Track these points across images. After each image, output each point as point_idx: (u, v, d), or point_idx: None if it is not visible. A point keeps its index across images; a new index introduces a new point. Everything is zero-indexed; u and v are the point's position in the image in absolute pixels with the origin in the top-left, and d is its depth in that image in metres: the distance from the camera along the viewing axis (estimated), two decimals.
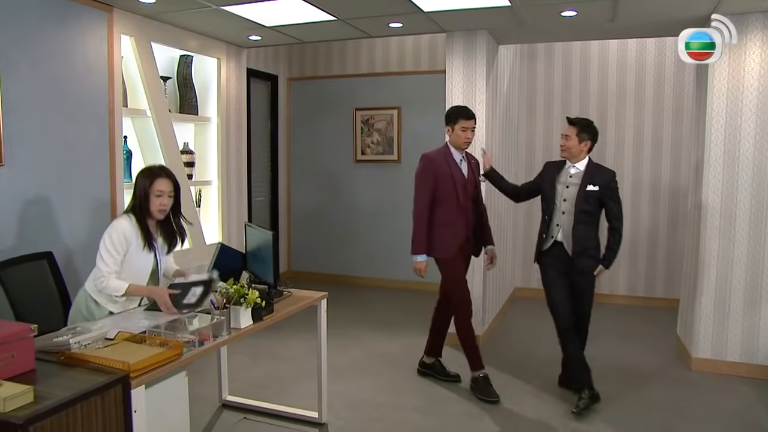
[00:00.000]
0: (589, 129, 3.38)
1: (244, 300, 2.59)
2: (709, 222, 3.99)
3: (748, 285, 3.92)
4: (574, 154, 3.41)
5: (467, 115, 3.55)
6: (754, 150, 3.85)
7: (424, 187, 3.57)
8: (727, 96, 3.88)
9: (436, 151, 3.68)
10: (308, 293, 3.19)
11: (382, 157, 6.35)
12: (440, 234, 3.59)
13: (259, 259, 3.12)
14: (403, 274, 6.28)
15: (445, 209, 3.58)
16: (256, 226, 3.29)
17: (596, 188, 3.32)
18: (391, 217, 6.35)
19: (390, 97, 6.27)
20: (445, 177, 3.54)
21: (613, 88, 5.71)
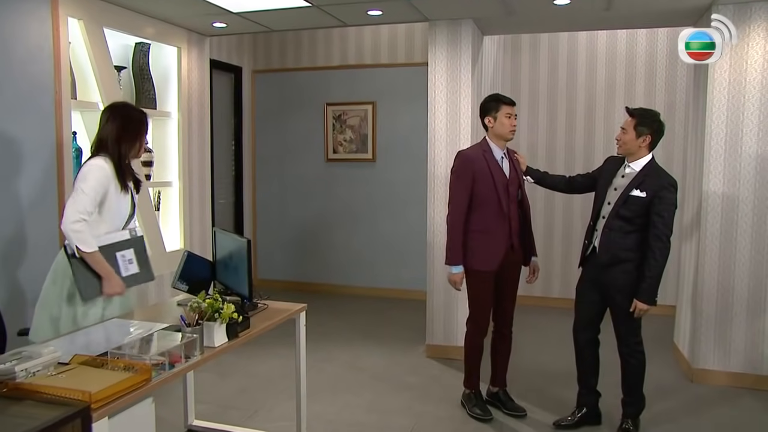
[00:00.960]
0: (651, 121, 3.11)
1: (218, 315, 2.45)
2: (710, 224, 3.98)
3: (752, 289, 3.93)
4: (631, 151, 3.14)
5: (509, 100, 3.40)
6: (757, 147, 3.86)
7: (460, 189, 3.37)
8: (728, 90, 3.88)
9: (473, 147, 3.52)
10: (286, 305, 3.08)
11: (355, 156, 6.26)
12: (479, 242, 3.38)
13: (231, 269, 2.99)
14: (380, 282, 6.25)
15: (484, 214, 3.37)
16: (228, 232, 3.16)
17: (643, 194, 3.05)
18: (367, 221, 6.28)
19: (364, 92, 6.19)
20: (485, 177, 3.34)
21: (602, 81, 5.71)
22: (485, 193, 3.34)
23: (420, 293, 5.53)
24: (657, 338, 4.97)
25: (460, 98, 4.41)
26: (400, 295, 6.12)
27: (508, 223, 3.37)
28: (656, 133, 3.12)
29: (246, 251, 2.79)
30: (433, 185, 4.50)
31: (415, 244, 6.00)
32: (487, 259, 3.37)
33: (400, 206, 6.16)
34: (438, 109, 4.45)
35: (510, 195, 3.39)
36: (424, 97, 5.71)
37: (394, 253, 6.21)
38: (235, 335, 2.55)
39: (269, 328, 2.81)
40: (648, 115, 3.14)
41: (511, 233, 3.39)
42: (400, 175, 6.13)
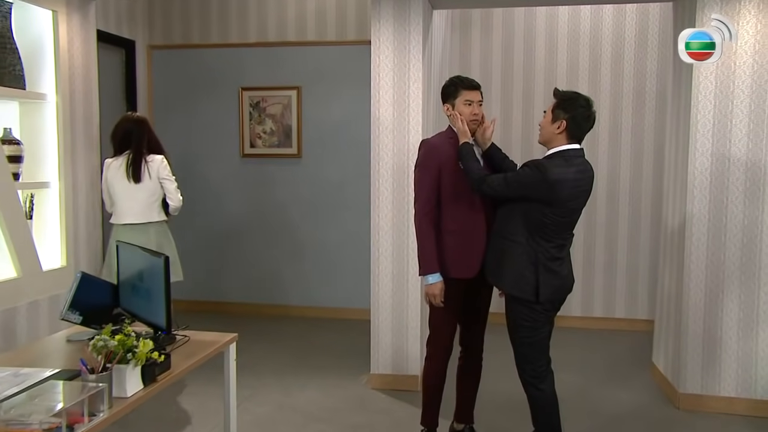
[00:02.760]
0: (571, 105, 3.04)
1: (132, 355, 2.17)
2: (696, 228, 4.01)
3: (743, 303, 3.98)
4: (546, 138, 3.12)
5: (470, 84, 3.30)
6: (747, 141, 3.92)
7: (427, 183, 3.27)
8: (716, 76, 3.93)
9: (438, 136, 3.43)
10: (211, 336, 2.89)
11: (277, 151, 6.12)
12: (453, 245, 3.26)
13: (142, 293, 2.77)
14: (310, 300, 6.13)
15: (457, 210, 3.26)
16: (136, 247, 2.92)
17: None
18: (292, 228, 6.13)
19: (287, 75, 6.05)
20: (454, 168, 3.24)
21: (563, 65, 5.75)
22: (455, 185, 3.24)
23: (360, 312, 5.48)
24: (632, 358, 5.04)
25: (410, 82, 4.30)
26: (335, 314, 6.02)
27: (485, 221, 3.27)
28: (573, 120, 3.02)
29: (163, 271, 2.59)
30: (377, 185, 4.37)
31: (353, 254, 5.91)
32: (463, 264, 3.25)
33: (332, 210, 6.05)
34: (383, 95, 4.33)
35: None
36: (359, 80, 5.69)
37: (326, 266, 6.10)
38: (153, 379, 2.32)
39: (194, 366, 2.60)
40: (571, 99, 3.08)
41: (488, 233, 3.27)
42: (332, 174, 6.01)
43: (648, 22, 5.59)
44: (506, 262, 3.10)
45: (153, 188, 4.27)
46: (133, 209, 4.25)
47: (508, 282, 3.12)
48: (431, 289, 3.23)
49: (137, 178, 4.22)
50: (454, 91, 3.30)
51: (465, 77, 3.35)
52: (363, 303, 5.07)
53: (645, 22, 5.60)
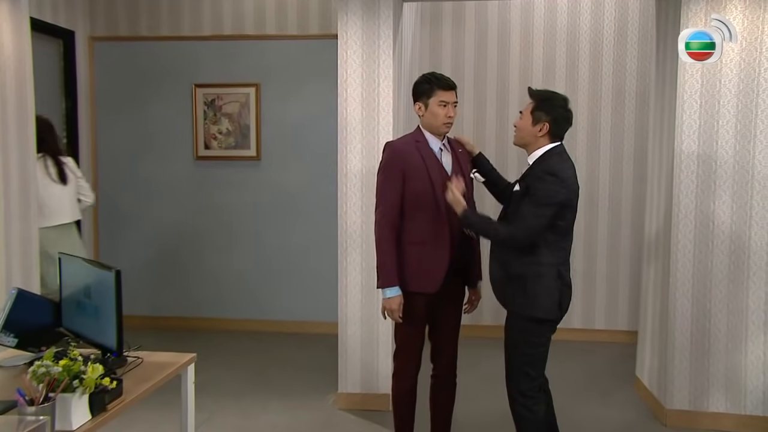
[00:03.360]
0: (552, 106, 3.11)
1: (79, 383, 2.05)
2: (682, 234, 4.02)
3: (731, 313, 3.99)
4: (526, 141, 3.16)
5: (446, 83, 3.26)
6: (735, 142, 3.94)
7: (389, 190, 3.27)
8: (702, 74, 3.95)
9: (404, 138, 3.43)
10: (167, 357, 2.84)
11: (234, 153, 6.04)
12: (415, 257, 3.26)
13: (90, 312, 2.69)
14: (271, 313, 6.06)
15: (420, 221, 3.26)
16: (81, 259, 2.86)
17: (518, 188, 3.14)
18: (250, 236, 6.04)
19: (245, 71, 5.97)
20: (419, 174, 3.23)
21: (540, 63, 5.75)
22: (420, 193, 3.25)
23: (327, 326, 5.42)
24: (614, 371, 5.04)
25: (379, 79, 4.26)
26: (299, 328, 5.96)
27: (450, 232, 3.27)
28: (556, 122, 3.10)
29: (114, 286, 2.53)
30: (345, 189, 4.32)
31: (318, 263, 5.86)
32: (425, 278, 3.26)
33: (295, 216, 5.98)
34: (351, 94, 4.28)
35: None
36: (323, 77, 5.70)
37: (289, 276, 6.03)
38: (103, 408, 2.23)
39: (149, 391, 2.52)
40: (550, 99, 3.15)
41: (453, 245, 3.29)
42: (295, 177, 5.95)
43: (627, 16, 5.62)
44: (532, 287, 3.08)
45: (74, 187, 4.74)
46: (65, 209, 4.66)
47: (533, 306, 3.10)
48: (389, 304, 3.24)
49: (64, 180, 4.64)
50: (428, 90, 3.27)
51: (441, 75, 3.32)
52: (330, 316, 4.99)
53: (624, 17, 5.62)
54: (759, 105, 3.91)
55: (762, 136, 3.92)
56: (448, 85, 3.26)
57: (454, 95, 3.29)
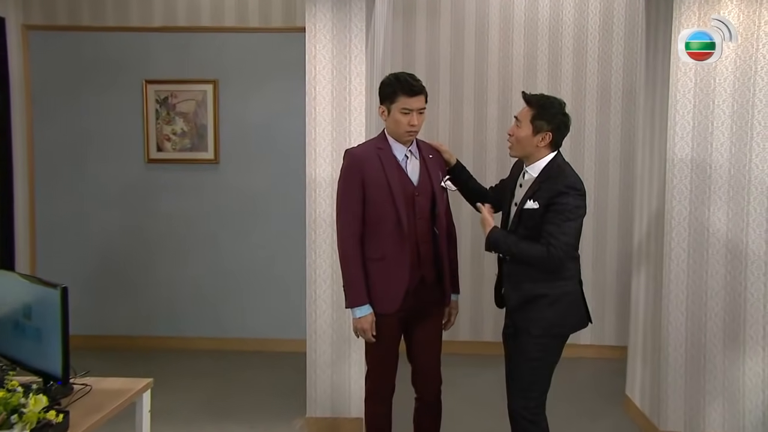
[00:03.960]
0: (553, 114, 3.15)
1: (18, 418, 1.97)
2: (675, 243, 4.05)
3: (728, 327, 4.02)
4: (527, 152, 3.20)
5: (410, 88, 3.21)
6: (730, 145, 3.98)
7: (348, 202, 3.29)
8: (695, 72, 3.99)
9: (365, 144, 3.47)
10: (119, 383, 2.80)
11: (190, 156, 5.99)
12: (375, 276, 3.28)
13: (30, 334, 2.63)
14: (231, 330, 6.02)
15: (380, 236, 3.27)
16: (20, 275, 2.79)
17: (536, 205, 3.11)
18: (208, 247, 6.00)
19: (202, 66, 5.92)
20: (378, 184, 3.24)
21: (520, 59, 5.77)
22: (379, 205, 3.26)
23: (293, 343, 5.43)
24: (602, 390, 5.05)
25: (351, 76, 4.26)
26: (263, 347, 5.91)
27: (413, 247, 3.29)
28: (558, 130, 3.18)
29: (60, 305, 2.47)
30: (313, 195, 4.30)
31: (284, 275, 5.83)
32: (384, 298, 3.29)
33: (257, 224, 5.94)
34: (321, 92, 4.26)
35: (418, 209, 3.30)
36: (289, 73, 5.68)
37: (251, 290, 5.99)
38: None
39: (100, 423, 2.47)
40: (550, 106, 3.18)
41: (420, 262, 3.31)
42: (257, 182, 5.91)
43: (613, 9, 5.67)
44: (560, 305, 3.15)
45: None
46: None
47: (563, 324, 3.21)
48: (359, 324, 3.26)
49: None
50: (391, 94, 3.25)
51: (406, 78, 3.26)
52: (297, 333, 4.95)
53: (610, 10, 5.67)
54: (755, 105, 3.95)
55: (759, 138, 3.96)
56: (411, 90, 3.21)
57: (420, 101, 3.24)
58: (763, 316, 3.99)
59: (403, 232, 3.24)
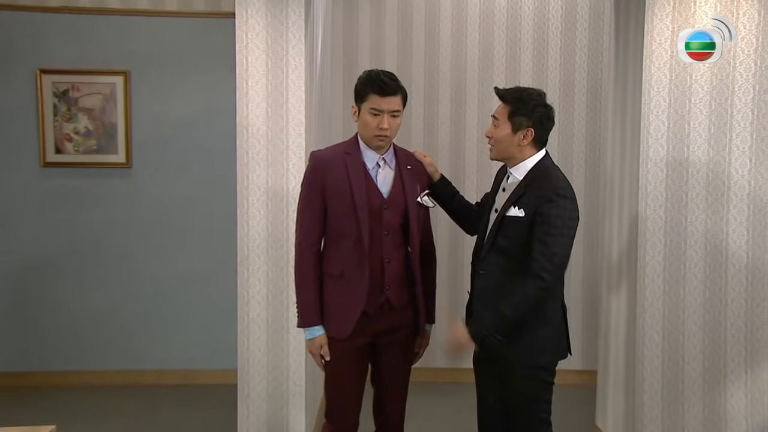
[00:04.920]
0: (532, 107, 3.19)
1: None
2: (650, 256, 4.17)
3: (708, 349, 4.16)
4: (509, 153, 3.25)
5: (381, 87, 3.21)
6: (708, 147, 4.13)
7: (308, 211, 3.33)
8: (670, 66, 4.13)
9: (333, 148, 3.50)
10: None
11: (97, 159, 5.92)
12: (331, 294, 3.32)
13: None
14: (150, 360, 5.95)
15: (340, 250, 3.30)
16: None
17: (521, 213, 3.15)
18: (119, 264, 5.93)
19: (109, 54, 5.86)
20: (340, 193, 3.26)
21: (475, 52, 5.87)
22: (340, 217, 3.29)
23: (221, 374, 5.46)
24: (569, 420, 5.10)
25: (289, 70, 4.25)
26: (185, 380, 5.88)
27: (377, 266, 3.30)
28: (540, 125, 3.22)
29: None
30: (246, 205, 4.28)
31: (209, 296, 5.82)
32: (337, 320, 3.31)
33: (178, 239, 5.91)
34: (253, 87, 4.25)
35: (385, 224, 3.32)
36: (216, 65, 5.66)
37: (170, 314, 5.94)
38: None
39: None
40: (528, 99, 3.22)
41: (385, 283, 3.32)
42: (178, 190, 5.87)
43: None
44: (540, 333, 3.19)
45: None
46: None
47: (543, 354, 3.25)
48: (310, 347, 3.34)
49: None
50: (362, 92, 3.28)
51: (379, 75, 3.28)
52: (226, 362, 4.91)
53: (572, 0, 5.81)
54: (734, 104, 4.12)
55: (738, 140, 4.12)
56: (382, 89, 3.22)
57: (393, 102, 3.25)
58: (745, 336, 4.14)
59: (365, 248, 3.25)
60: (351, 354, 3.31)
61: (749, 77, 4.12)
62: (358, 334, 3.26)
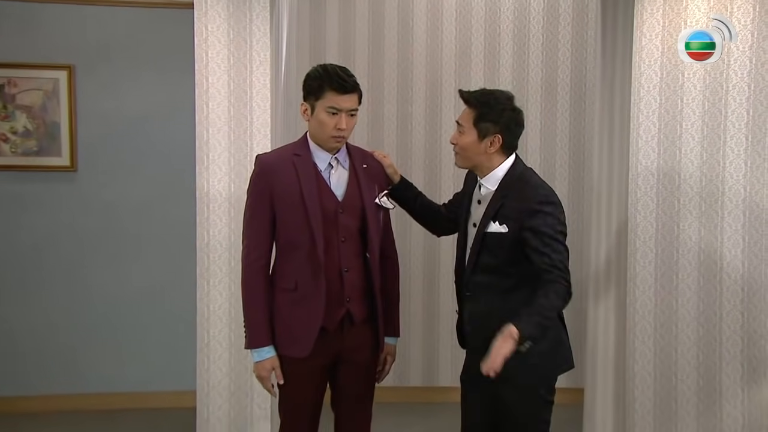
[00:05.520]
0: (499, 111, 3.19)
1: None
2: (641, 267, 4.23)
3: (703, 364, 4.21)
4: (475, 161, 3.26)
5: (340, 84, 3.21)
6: (701, 150, 4.21)
7: (256, 219, 3.31)
8: (661, 64, 4.20)
9: (280, 150, 3.51)
10: None
11: (37, 161, 5.81)
12: (285, 310, 3.30)
13: None
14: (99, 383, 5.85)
15: (292, 262, 3.30)
16: None
17: (504, 228, 3.16)
18: (63, 277, 5.81)
19: (51, 47, 5.75)
20: (291, 199, 3.25)
21: (452, 48, 5.84)
22: (292, 226, 3.28)
23: (179, 397, 5.44)
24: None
25: (253, 65, 4.27)
26: (138, 403, 5.77)
27: (335, 277, 3.30)
28: (508, 130, 3.22)
29: None
30: (206, 212, 4.29)
31: (166, 313, 5.74)
32: (293, 338, 3.30)
33: (130, 249, 5.81)
34: (214, 83, 4.25)
35: (342, 229, 3.31)
36: (171, 59, 5.60)
37: (123, 332, 5.84)
38: None
39: None
40: (494, 103, 3.23)
41: (345, 295, 3.32)
42: (130, 195, 5.77)
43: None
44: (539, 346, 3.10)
45: None
46: None
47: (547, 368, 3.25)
48: (258, 370, 3.31)
49: None
50: (316, 89, 3.26)
51: (337, 71, 3.28)
52: (184, 383, 4.87)
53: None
54: (729, 104, 4.20)
55: (733, 142, 4.20)
56: (342, 86, 3.22)
57: (352, 101, 3.27)
58: (741, 351, 4.19)
59: (319, 257, 3.24)
60: (308, 375, 3.31)
61: (744, 75, 4.20)
62: (318, 353, 3.25)
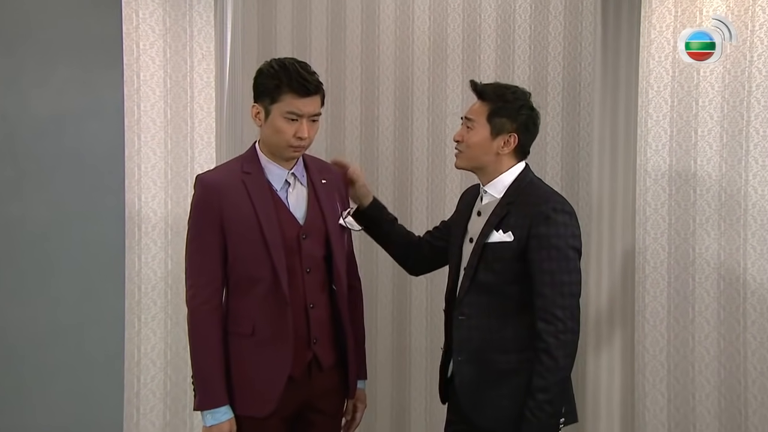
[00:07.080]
0: (517, 108, 3.26)
1: None
2: (651, 296, 4.27)
3: (724, 414, 4.22)
4: (483, 162, 3.28)
5: (302, 84, 3.14)
6: (720, 158, 4.25)
7: (199, 255, 3.23)
8: (672, 61, 4.27)
9: (226, 167, 3.40)
10: None
11: None
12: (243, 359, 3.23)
13: None
14: None
15: (249, 301, 3.23)
16: None
17: (509, 237, 3.17)
18: None
19: None
20: (244, 227, 3.18)
21: (425, 44, 5.79)
22: (247, 258, 3.23)
23: None
24: None
25: (194, 59, 4.32)
26: None
27: (300, 315, 3.27)
28: (526, 131, 3.30)
29: None
30: (137, 236, 4.30)
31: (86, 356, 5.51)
32: (253, 394, 3.24)
33: (39, 278, 5.65)
34: (147, 81, 4.28)
35: (306, 258, 3.29)
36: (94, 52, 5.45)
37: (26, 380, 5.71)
38: None
39: None
40: (513, 98, 3.30)
41: (311, 336, 3.29)
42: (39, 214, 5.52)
43: None
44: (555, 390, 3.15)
45: None
46: None
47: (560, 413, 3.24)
48: None
49: None
50: (272, 90, 3.19)
51: (297, 68, 3.21)
52: None
53: None
54: (751, 106, 4.24)
55: (756, 151, 4.23)
56: (304, 87, 3.16)
57: (314, 104, 3.22)
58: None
59: (283, 293, 3.19)
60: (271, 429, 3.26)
61: None
62: (282, 406, 3.22)
